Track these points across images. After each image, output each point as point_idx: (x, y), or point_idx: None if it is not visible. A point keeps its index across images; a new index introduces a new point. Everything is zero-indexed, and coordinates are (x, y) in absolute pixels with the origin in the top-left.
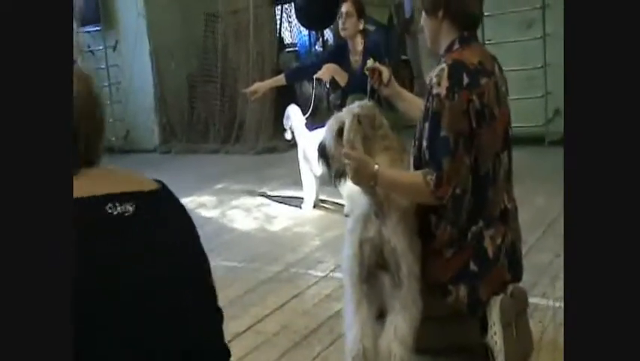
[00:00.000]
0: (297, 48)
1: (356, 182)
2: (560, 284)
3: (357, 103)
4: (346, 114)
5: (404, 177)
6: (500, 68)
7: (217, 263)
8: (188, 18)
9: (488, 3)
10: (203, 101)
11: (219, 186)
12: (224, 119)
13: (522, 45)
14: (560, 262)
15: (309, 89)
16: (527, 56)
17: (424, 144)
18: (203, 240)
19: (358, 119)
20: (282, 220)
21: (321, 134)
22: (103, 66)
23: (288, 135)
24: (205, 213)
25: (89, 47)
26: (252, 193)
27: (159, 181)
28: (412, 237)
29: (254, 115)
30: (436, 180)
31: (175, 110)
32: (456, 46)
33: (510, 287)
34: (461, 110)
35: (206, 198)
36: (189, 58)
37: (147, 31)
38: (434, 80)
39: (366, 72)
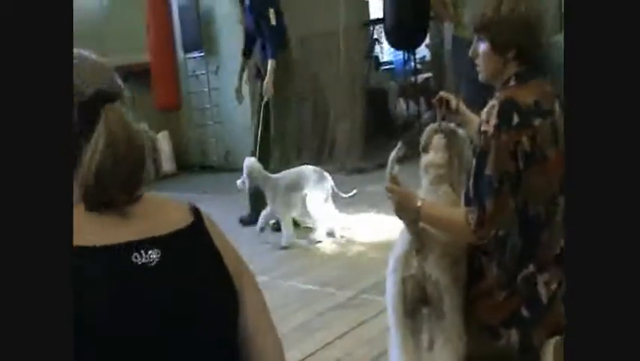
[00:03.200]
0: (393, 65)
1: (399, 216)
2: None
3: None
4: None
5: (447, 214)
6: (563, 106)
7: (293, 284)
8: None
9: None
10: (296, 124)
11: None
12: (316, 140)
13: None
14: None
15: (402, 107)
16: None
17: (470, 181)
18: (284, 259)
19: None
20: (358, 245)
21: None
22: (205, 89)
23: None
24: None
25: (194, 71)
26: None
27: (196, 210)
28: (456, 271)
29: (345, 136)
30: (477, 219)
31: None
32: (512, 82)
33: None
34: (508, 150)
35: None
36: (284, 81)
37: None
38: (484, 116)
39: (435, 103)
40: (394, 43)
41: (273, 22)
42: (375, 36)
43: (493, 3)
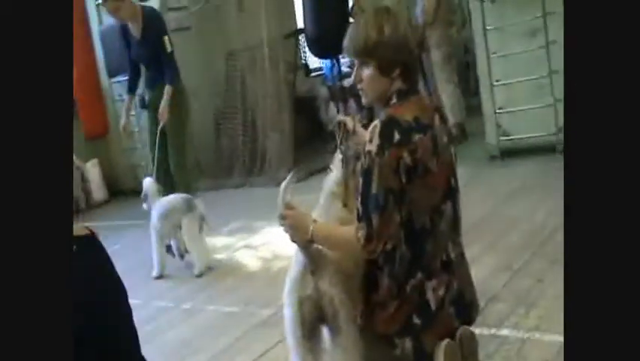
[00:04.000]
0: (323, 72)
1: (293, 238)
2: (534, 313)
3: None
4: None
5: (338, 233)
6: (443, 118)
7: (216, 309)
8: (210, 58)
9: (491, 16)
10: (229, 137)
11: (234, 224)
12: (247, 154)
13: (527, 55)
14: (542, 287)
15: (334, 111)
16: (533, 66)
17: (358, 199)
18: (208, 283)
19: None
20: (282, 259)
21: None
22: (133, 113)
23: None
24: (215, 254)
25: (120, 95)
26: (257, 230)
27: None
28: (350, 284)
29: (274, 146)
30: (366, 235)
31: (202, 149)
32: (393, 100)
33: (459, 331)
34: (391, 168)
35: (220, 240)
36: (213, 97)
37: None
38: (368, 136)
39: (334, 129)
40: (317, 54)
41: (169, 48)
42: (304, 45)
43: (374, 27)
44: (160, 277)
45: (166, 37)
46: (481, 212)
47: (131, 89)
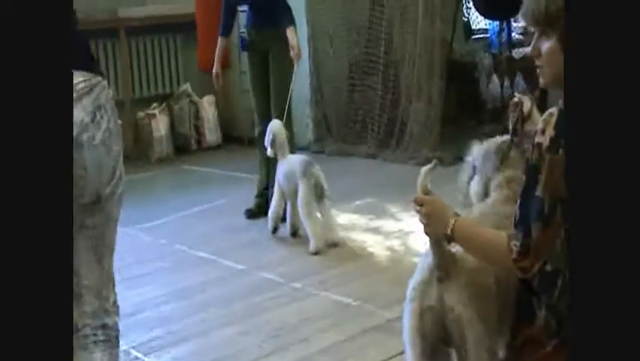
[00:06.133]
0: (487, 35)
1: (428, 230)
2: None
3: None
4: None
5: (486, 235)
6: None
7: (328, 296)
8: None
9: None
10: (363, 97)
11: (361, 201)
12: (383, 121)
13: None
14: None
15: (497, 86)
16: None
17: (518, 200)
18: (323, 264)
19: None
20: (415, 256)
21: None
22: None
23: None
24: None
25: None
26: (388, 214)
27: None
28: (484, 304)
29: (418, 118)
30: (520, 247)
31: (332, 104)
32: None
33: None
34: (564, 169)
35: (344, 217)
36: (351, 45)
37: (306, 13)
38: (540, 125)
39: (510, 107)
40: (484, 12)
41: None
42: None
43: None
44: (274, 230)
45: None
46: None
47: (226, 31)
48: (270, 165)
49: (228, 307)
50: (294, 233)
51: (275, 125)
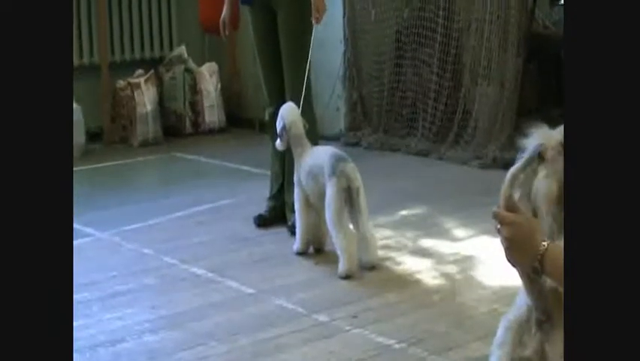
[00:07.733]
0: None
1: (510, 258)
2: None
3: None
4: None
5: None
6: None
7: (362, 334)
8: None
9: None
10: (414, 75)
11: (408, 212)
12: (439, 107)
13: None
14: None
15: None
16: None
17: None
18: (356, 292)
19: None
20: (485, 290)
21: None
22: None
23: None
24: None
25: None
26: (446, 229)
27: None
28: None
29: (486, 106)
30: None
31: (371, 83)
32: None
33: None
34: None
35: (384, 232)
36: (400, 4)
37: None
38: None
39: None
40: None
41: None
42: None
43: None
44: (303, 253)
45: None
46: None
47: None
48: (285, 158)
49: (233, 342)
50: (319, 249)
51: (287, 109)
